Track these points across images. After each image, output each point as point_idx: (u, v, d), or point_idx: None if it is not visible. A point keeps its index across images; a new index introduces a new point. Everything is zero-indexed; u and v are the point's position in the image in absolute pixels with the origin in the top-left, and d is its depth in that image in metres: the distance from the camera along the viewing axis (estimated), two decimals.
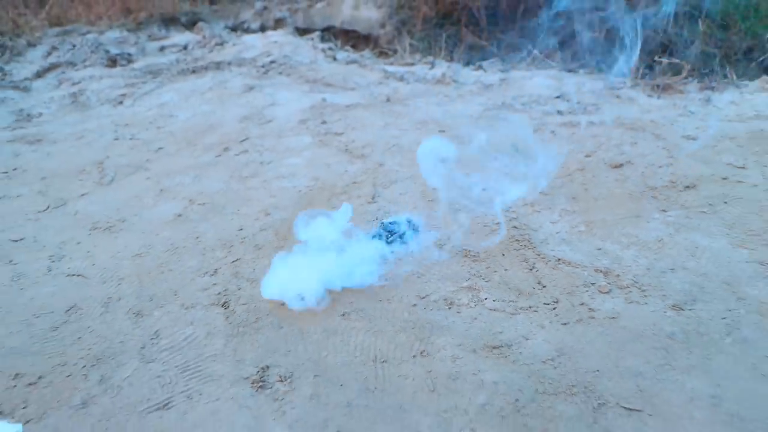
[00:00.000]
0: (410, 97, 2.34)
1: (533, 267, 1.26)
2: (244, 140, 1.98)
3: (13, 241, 1.48)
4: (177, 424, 0.94)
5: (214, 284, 1.27)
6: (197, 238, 1.44)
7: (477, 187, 1.58)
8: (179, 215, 1.56)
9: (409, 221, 1.41)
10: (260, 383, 1.00)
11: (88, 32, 3.78)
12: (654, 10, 3.20)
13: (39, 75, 3.05)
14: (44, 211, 1.63)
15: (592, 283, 1.21)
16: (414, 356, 1.05)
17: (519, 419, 0.91)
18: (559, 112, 2.07)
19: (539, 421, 0.91)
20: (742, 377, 0.97)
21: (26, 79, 2.97)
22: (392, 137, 1.95)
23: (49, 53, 3.30)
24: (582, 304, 1.15)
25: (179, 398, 0.98)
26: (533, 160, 1.71)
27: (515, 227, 1.40)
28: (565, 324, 1.11)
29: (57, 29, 3.99)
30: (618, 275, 1.23)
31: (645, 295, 1.17)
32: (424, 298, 1.19)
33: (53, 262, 1.38)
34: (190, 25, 4.56)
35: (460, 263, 1.29)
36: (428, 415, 0.93)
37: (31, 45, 3.44)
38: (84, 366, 1.06)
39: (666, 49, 3.10)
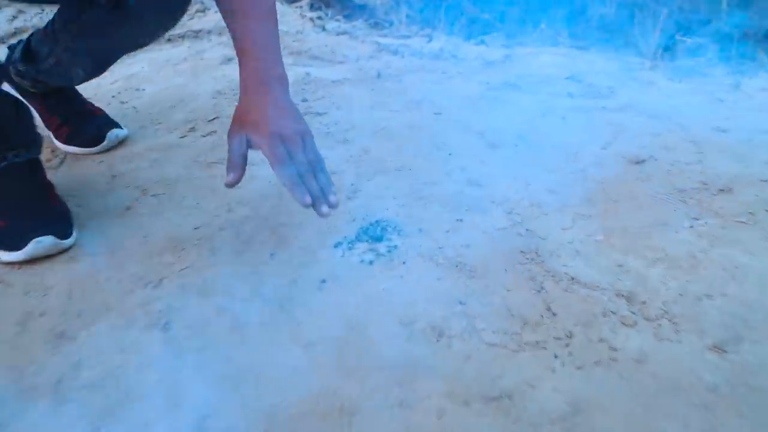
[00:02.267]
0: (404, 73, 2.11)
1: (541, 288, 1.05)
2: (213, 119, 1.75)
3: None
4: None
5: (156, 298, 1.05)
6: (145, 237, 1.22)
7: (474, 185, 1.36)
8: (128, 208, 1.33)
9: (392, 225, 1.20)
10: None
11: None
12: None
13: (3, 41, 2.79)
14: None
15: (613, 312, 0.99)
16: (391, 406, 0.84)
17: None
18: (570, 95, 1.84)
19: None
20: None
21: None
22: (381, 119, 1.72)
23: (15, 17, 3.03)
24: (601, 340, 0.94)
25: None
26: (541, 151, 1.48)
27: (520, 234, 1.19)
28: (580, 368, 0.89)
29: None
30: (644, 302, 1.01)
31: (678, 330, 0.95)
32: (408, 325, 0.97)
33: None
34: None
35: (452, 280, 1.07)
36: None
37: None
38: None
39: (682, 27, 2.85)
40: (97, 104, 1.88)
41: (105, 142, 1.60)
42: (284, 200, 1.32)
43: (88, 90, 2.00)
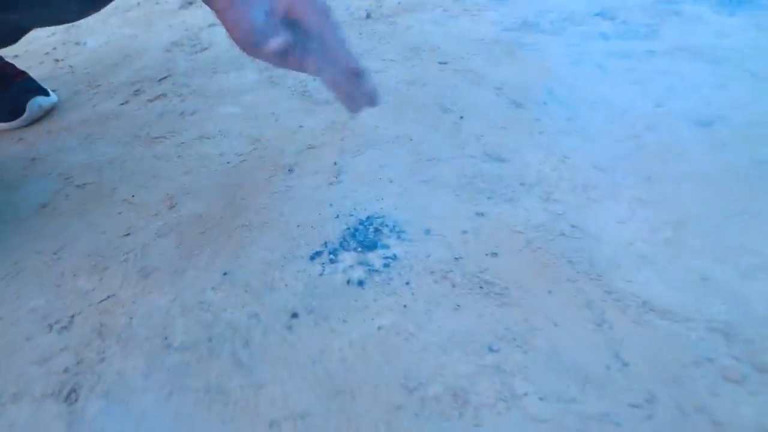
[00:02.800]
0: (398, 13, 1.75)
1: (602, 320, 0.74)
2: (164, 78, 1.41)
3: None
4: None
5: (63, 348, 0.75)
6: (59, 251, 0.91)
7: (495, 160, 1.04)
8: (44, 206, 1.02)
9: (390, 224, 0.89)
10: None
11: None
12: None
13: None
14: None
15: (709, 359, 0.69)
16: None
17: None
18: (604, 36, 1.50)
19: None
20: None
21: None
22: (372, 72, 1.39)
23: None
24: (698, 408, 0.64)
25: None
26: (577, 111, 1.16)
27: (563, 234, 0.87)
28: None
29: None
30: (751, 340, 0.71)
31: None
32: (415, 390, 0.67)
33: None
34: None
35: (477, 310, 0.76)
36: None
37: None
38: None
39: None
40: (25, 64, 1.55)
41: (25, 115, 1.27)
42: (247, 188, 1.00)
43: (17, 46, 1.66)
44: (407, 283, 0.80)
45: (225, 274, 0.83)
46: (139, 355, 0.73)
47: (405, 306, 0.76)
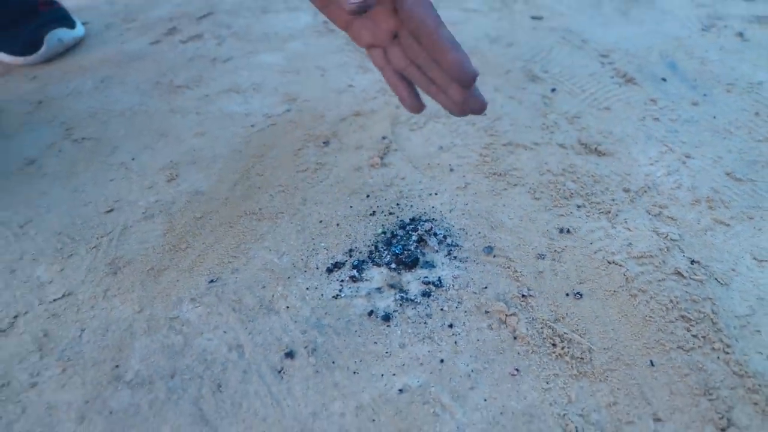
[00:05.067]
0: None
1: (729, 422, 0.50)
2: (204, 16, 1.21)
3: None
4: None
5: None
6: (26, 225, 0.73)
7: (590, 152, 0.79)
8: (32, 162, 0.85)
9: (440, 233, 0.66)
10: None
11: None
12: None
13: None
14: None
15: None
16: None
17: None
18: None
19: None
20: None
21: None
22: (447, 24, 1.13)
23: None
24: None
25: None
26: (706, 92, 0.88)
27: (678, 273, 0.62)
28: None
29: None
30: None
31: None
32: None
33: None
34: None
35: (544, 378, 0.53)
36: None
37: None
38: None
39: None
40: None
41: (42, 49, 1.10)
42: (267, 161, 0.79)
43: None
44: (450, 326, 0.57)
45: (212, 281, 0.63)
46: (79, 385, 0.55)
47: (442, 361, 0.54)
